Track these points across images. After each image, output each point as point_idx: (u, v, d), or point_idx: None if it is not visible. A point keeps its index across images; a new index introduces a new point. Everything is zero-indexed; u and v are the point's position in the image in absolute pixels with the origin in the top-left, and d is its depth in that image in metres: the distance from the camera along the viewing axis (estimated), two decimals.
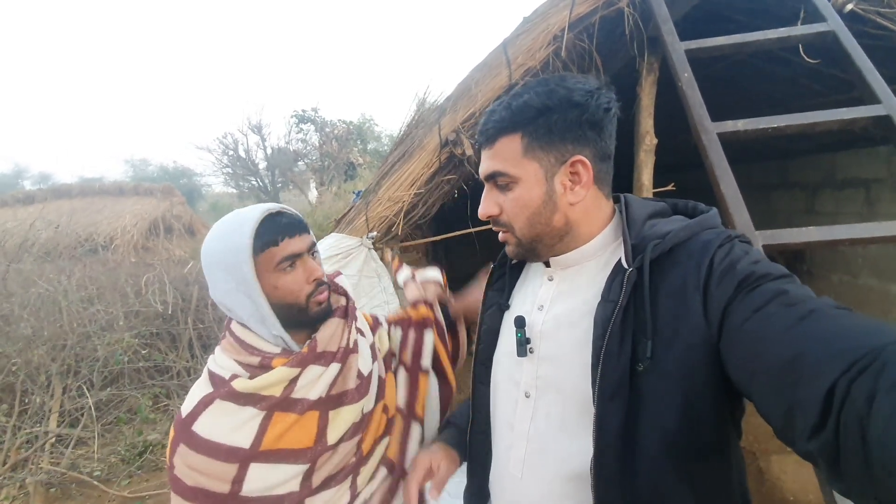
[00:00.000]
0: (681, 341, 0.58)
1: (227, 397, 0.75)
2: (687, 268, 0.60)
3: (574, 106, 0.65)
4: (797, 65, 2.05)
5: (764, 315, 0.51)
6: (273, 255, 0.75)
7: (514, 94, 0.70)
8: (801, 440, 0.44)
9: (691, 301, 0.58)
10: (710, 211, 0.69)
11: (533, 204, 0.68)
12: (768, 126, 1.30)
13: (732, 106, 3.34)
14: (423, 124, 2.24)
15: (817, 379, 0.42)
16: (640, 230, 0.66)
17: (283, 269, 0.76)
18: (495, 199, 0.71)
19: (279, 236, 0.76)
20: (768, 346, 0.49)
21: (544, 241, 0.71)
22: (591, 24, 1.98)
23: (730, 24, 2.44)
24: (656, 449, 0.59)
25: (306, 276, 0.79)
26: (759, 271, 0.56)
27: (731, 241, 0.62)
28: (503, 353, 0.79)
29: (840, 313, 0.48)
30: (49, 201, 8.56)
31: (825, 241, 1.16)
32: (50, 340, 3.46)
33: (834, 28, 1.39)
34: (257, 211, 0.76)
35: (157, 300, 4.18)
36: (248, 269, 0.73)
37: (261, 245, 0.74)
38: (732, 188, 1.24)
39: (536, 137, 0.66)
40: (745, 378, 0.52)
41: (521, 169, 0.67)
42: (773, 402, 0.48)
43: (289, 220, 0.78)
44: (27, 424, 3.00)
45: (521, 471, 0.72)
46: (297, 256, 0.78)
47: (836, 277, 3.82)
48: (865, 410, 0.37)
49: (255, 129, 13.82)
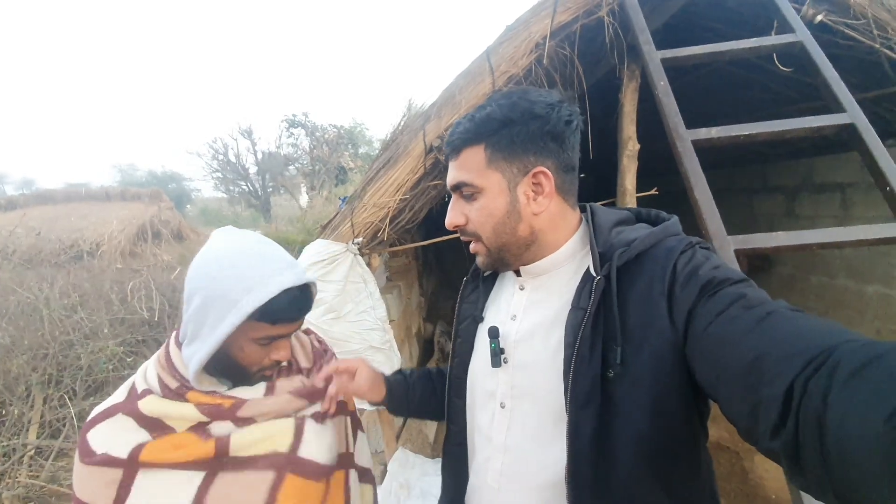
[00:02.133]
0: (649, 346, 0.59)
1: (130, 413, 0.70)
2: (653, 274, 0.62)
3: (535, 118, 0.67)
4: (773, 73, 2.11)
5: (725, 318, 0.53)
6: (261, 329, 0.71)
7: (479, 107, 0.71)
8: (763, 439, 0.45)
9: (658, 306, 0.60)
10: (671, 218, 0.71)
11: (497, 213, 0.69)
12: (740, 133, 1.34)
13: (713, 112, 3.41)
14: (408, 130, 2.26)
15: (777, 378, 0.44)
16: (608, 238, 0.68)
17: (260, 343, 0.73)
18: (461, 209, 0.72)
19: (280, 319, 0.71)
20: (730, 350, 0.50)
21: (511, 250, 0.72)
22: (573, 32, 2.01)
23: (708, 33, 2.50)
24: (630, 454, 0.60)
25: (272, 355, 0.75)
26: (719, 276, 0.58)
27: (693, 247, 0.64)
28: (478, 364, 0.79)
29: (796, 315, 0.50)
30: (31, 207, 8.41)
31: (794, 246, 1.20)
32: (30, 350, 3.38)
33: (802, 39, 1.44)
34: (285, 279, 0.69)
35: (144, 307, 4.13)
36: (229, 323, 0.67)
37: (259, 314, 0.68)
38: (706, 194, 1.28)
39: (499, 148, 0.68)
40: (711, 381, 0.53)
41: (485, 179, 0.69)
42: (737, 402, 0.49)
43: (301, 304, 0.73)
44: (4, 437, 2.93)
45: (499, 482, 0.72)
46: (279, 338, 0.75)
47: (814, 279, 3.90)
48: (822, 406, 0.39)
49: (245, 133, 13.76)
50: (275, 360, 0.76)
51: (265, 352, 0.74)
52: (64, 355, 3.48)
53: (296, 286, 0.70)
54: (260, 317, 0.69)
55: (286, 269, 0.70)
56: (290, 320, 0.73)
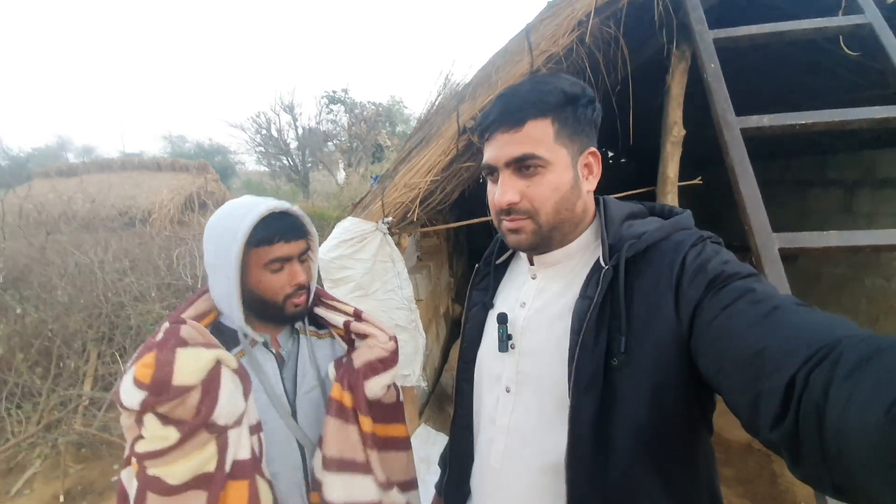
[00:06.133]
0: (654, 337, 0.60)
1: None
2: (660, 267, 0.63)
3: (591, 101, 0.70)
4: (839, 56, 1.93)
5: (731, 312, 0.53)
6: (264, 253, 0.80)
7: (535, 80, 0.71)
8: (764, 430, 0.45)
9: (664, 299, 0.60)
10: (683, 213, 0.71)
11: (563, 188, 0.68)
12: (795, 123, 1.25)
13: (766, 97, 3.18)
14: (442, 111, 2.23)
15: (779, 371, 0.44)
16: (618, 230, 0.69)
17: (271, 269, 0.82)
18: (515, 185, 0.68)
19: (275, 237, 0.81)
20: (734, 342, 0.51)
21: (563, 228, 0.71)
22: (619, 8, 1.91)
23: (771, 12, 2.31)
24: (628, 441, 0.61)
25: (289, 279, 0.83)
26: (728, 271, 0.58)
27: (703, 241, 0.64)
28: (486, 350, 0.81)
29: (802, 309, 0.50)
30: (90, 174, 8.92)
31: (846, 247, 1.11)
32: (86, 308, 3.64)
33: (872, 20, 1.31)
34: (264, 206, 0.81)
35: (188, 273, 4.36)
36: (235, 256, 0.78)
37: (256, 240, 0.79)
38: (751, 187, 1.20)
39: (566, 124, 0.68)
40: (714, 373, 0.54)
41: (554, 153, 0.67)
42: (740, 395, 0.49)
43: (290, 223, 0.84)
44: (61, 387, 3.19)
45: (501, 463, 0.74)
46: (286, 260, 0.83)
47: (869, 281, 3.64)
48: (822, 399, 0.39)
49: (287, 108, 13.97)
50: (296, 285, 0.84)
51: (280, 278, 0.83)
52: (116, 315, 3.73)
53: (279, 210, 0.82)
54: (258, 243, 0.79)
55: (268, 201, 0.83)
56: (285, 238, 0.82)
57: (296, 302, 0.85)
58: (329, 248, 2.00)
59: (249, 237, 0.78)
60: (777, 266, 1.10)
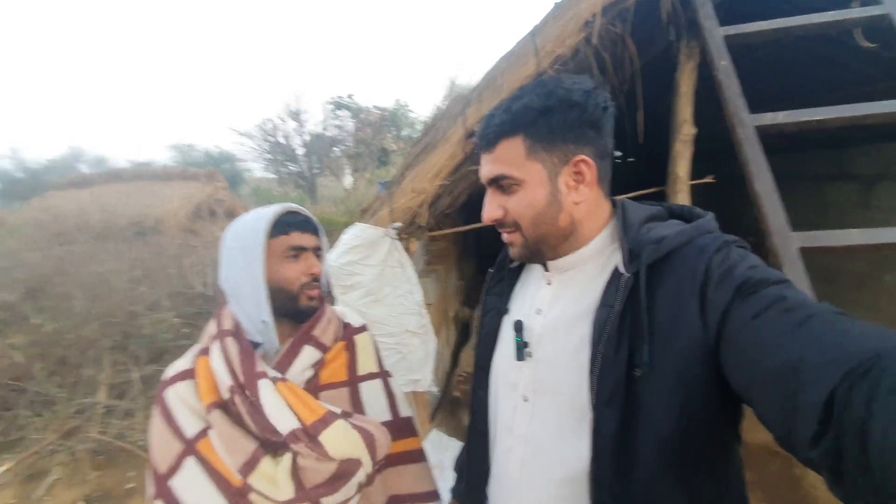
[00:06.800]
0: (678, 346, 0.58)
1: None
2: (683, 273, 0.60)
3: (574, 106, 0.66)
4: (856, 48, 1.89)
5: (762, 321, 0.51)
6: (282, 242, 0.85)
7: (512, 97, 0.70)
8: (802, 447, 0.43)
9: (688, 306, 0.58)
10: (706, 215, 0.69)
11: (538, 204, 0.68)
12: (811, 119, 1.21)
13: (784, 91, 3.12)
14: (448, 115, 2.22)
15: (817, 385, 0.42)
16: (637, 234, 0.67)
17: (288, 257, 0.86)
18: (499, 201, 0.71)
19: (291, 229, 0.87)
20: (767, 352, 0.48)
21: (549, 241, 0.70)
22: (626, 7, 1.88)
23: (784, 5, 2.26)
24: (652, 454, 0.59)
25: (305, 269, 0.87)
26: (756, 276, 0.55)
27: (728, 246, 0.61)
28: (502, 357, 0.79)
29: (838, 318, 0.48)
30: (103, 185, 9.06)
31: (869, 245, 1.08)
32: (101, 318, 3.70)
33: (890, 11, 1.26)
34: (278, 206, 0.88)
35: (199, 281, 4.40)
36: (260, 249, 0.83)
37: (275, 232, 0.85)
38: (768, 185, 1.17)
39: (539, 138, 0.66)
40: (744, 384, 0.52)
41: (525, 171, 0.67)
42: (773, 408, 0.47)
43: (303, 219, 0.89)
44: (78, 396, 3.24)
45: (520, 472, 0.73)
46: (302, 250, 0.87)
47: (889, 278, 3.55)
48: (865, 416, 0.37)
49: (293, 115, 14.08)
50: (310, 274, 0.87)
51: (297, 267, 0.86)
52: (130, 324, 3.78)
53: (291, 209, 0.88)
54: (276, 233, 0.85)
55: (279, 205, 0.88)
56: (302, 229, 0.87)
57: (310, 294, 0.88)
58: (339, 255, 2.00)
59: (269, 231, 0.84)
60: (797, 266, 1.07)
